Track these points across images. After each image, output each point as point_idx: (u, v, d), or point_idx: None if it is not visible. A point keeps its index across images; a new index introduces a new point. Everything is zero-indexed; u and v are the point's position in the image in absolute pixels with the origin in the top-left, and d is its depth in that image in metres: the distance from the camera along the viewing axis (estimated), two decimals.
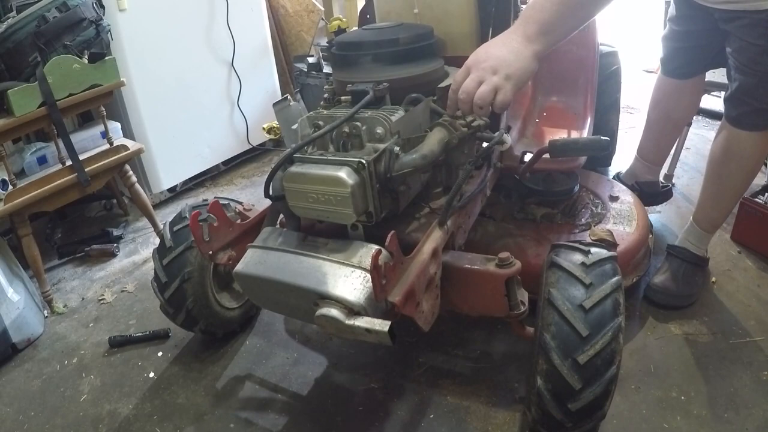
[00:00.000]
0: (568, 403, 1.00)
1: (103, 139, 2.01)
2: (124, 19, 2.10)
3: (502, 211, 1.73)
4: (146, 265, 2.04)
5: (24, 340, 1.68)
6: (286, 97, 1.32)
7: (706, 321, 1.53)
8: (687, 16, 1.58)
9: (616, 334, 1.00)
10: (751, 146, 1.44)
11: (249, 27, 2.64)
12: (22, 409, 1.47)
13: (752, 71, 1.34)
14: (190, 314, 1.45)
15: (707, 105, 2.76)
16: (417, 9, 1.44)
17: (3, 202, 1.72)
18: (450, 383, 1.40)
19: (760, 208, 1.75)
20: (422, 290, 1.04)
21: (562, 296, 1.04)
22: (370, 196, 1.04)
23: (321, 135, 1.09)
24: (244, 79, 2.64)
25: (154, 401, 1.44)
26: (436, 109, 1.23)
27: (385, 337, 0.93)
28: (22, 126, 1.71)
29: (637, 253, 1.58)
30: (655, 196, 2.03)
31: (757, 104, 1.37)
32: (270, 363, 1.53)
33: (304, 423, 1.34)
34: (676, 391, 1.33)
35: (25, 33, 1.66)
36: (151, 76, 2.26)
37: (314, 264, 1.04)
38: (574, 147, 1.34)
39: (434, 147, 1.09)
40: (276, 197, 1.15)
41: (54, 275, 2.05)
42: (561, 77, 1.86)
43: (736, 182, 1.54)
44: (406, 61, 1.26)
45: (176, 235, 1.43)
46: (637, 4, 4.18)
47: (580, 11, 1.10)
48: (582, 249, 1.11)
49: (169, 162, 2.43)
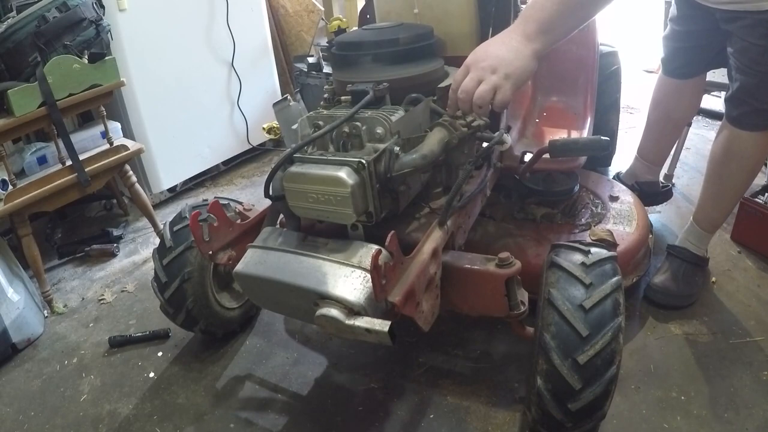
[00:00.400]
0: (568, 403, 1.00)
1: (103, 139, 2.01)
2: (124, 19, 2.10)
3: (502, 211, 1.73)
4: (146, 265, 2.04)
5: (24, 340, 1.68)
6: (286, 97, 1.32)
7: (706, 321, 1.53)
8: (688, 16, 1.58)
9: (616, 334, 1.00)
10: (752, 146, 1.44)
11: (249, 27, 2.64)
12: (22, 409, 1.47)
13: (753, 71, 1.34)
14: (190, 314, 1.45)
15: (707, 105, 2.76)
16: (417, 9, 1.45)
17: (3, 202, 1.72)
18: (450, 383, 1.40)
19: (760, 208, 1.75)
20: (422, 290, 1.05)
21: (562, 296, 1.04)
22: (370, 196, 1.04)
23: (321, 135, 1.09)
24: (244, 79, 2.64)
25: (154, 401, 1.44)
26: (436, 109, 1.23)
27: (385, 337, 0.93)
28: (22, 126, 1.71)
29: (637, 253, 1.58)
30: (655, 196, 2.03)
31: (758, 104, 1.37)
32: (270, 363, 1.53)
33: (304, 423, 1.34)
34: (676, 391, 1.33)
35: (25, 33, 1.66)
36: (151, 76, 2.26)
37: (314, 264, 1.04)
38: (574, 147, 1.34)
39: (434, 147, 1.09)
40: (276, 197, 1.15)
41: (54, 275, 2.05)
42: (561, 77, 1.86)
43: (736, 182, 1.54)
44: (406, 61, 1.26)
45: (176, 235, 1.43)
46: (637, 4, 4.17)
47: (580, 11, 1.10)
48: (582, 249, 1.11)
49: (169, 162, 2.43)
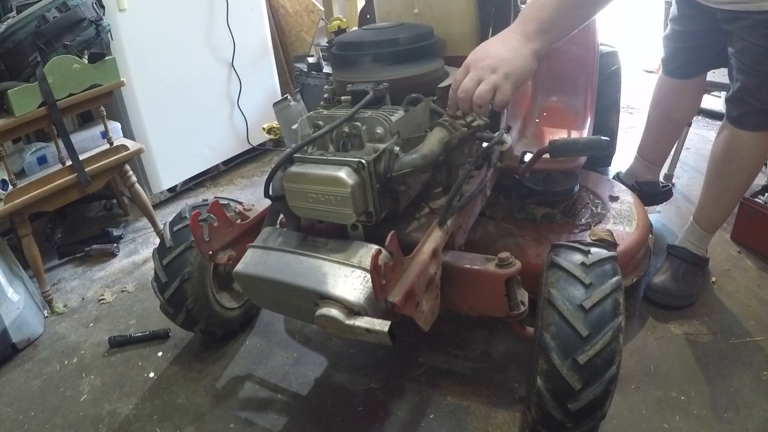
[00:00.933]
0: (568, 403, 1.00)
1: (103, 139, 2.01)
2: (124, 19, 2.10)
3: (502, 211, 1.73)
4: (146, 265, 2.04)
5: (24, 340, 1.68)
6: (286, 97, 1.32)
7: (706, 321, 1.53)
8: (688, 16, 1.58)
9: (616, 334, 1.00)
10: (752, 146, 1.44)
11: (249, 27, 2.64)
12: (22, 409, 1.47)
13: (754, 71, 1.34)
14: (190, 314, 1.45)
15: (707, 105, 2.76)
16: (417, 9, 1.44)
17: (3, 202, 1.72)
18: (450, 383, 1.40)
19: (760, 208, 1.75)
20: (422, 290, 1.04)
21: (562, 296, 1.04)
22: (370, 196, 1.04)
23: (321, 135, 1.09)
24: (244, 79, 2.64)
25: (154, 401, 1.44)
26: (436, 109, 1.23)
27: (385, 337, 0.93)
28: (22, 126, 1.71)
29: (637, 253, 1.58)
30: (655, 196, 2.02)
31: (759, 104, 1.37)
32: (270, 363, 1.53)
33: (304, 423, 1.34)
34: (676, 391, 1.33)
35: (25, 33, 1.66)
36: (151, 76, 2.26)
37: (314, 264, 1.04)
38: (574, 147, 1.34)
39: (434, 147, 1.09)
40: (276, 197, 1.15)
41: (54, 275, 2.05)
42: (561, 77, 1.86)
43: (737, 182, 1.54)
44: (406, 61, 1.26)
45: (176, 235, 1.43)
46: (637, 4, 4.17)
47: (580, 10, 1.09)
48: (582, 249, 1.11)
49: (169, 162, 2.43)
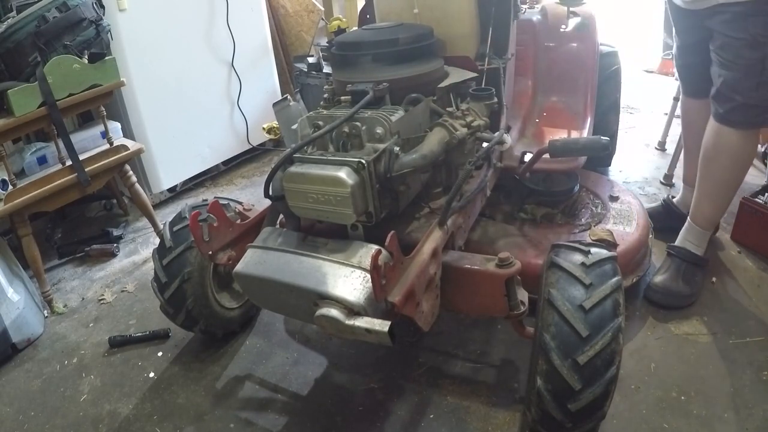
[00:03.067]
0: (568, 404, 1.00)
1: (103, 139, 2.01)
2: (124, 19, 2.10)
3: (502, 211, 1.73)
4: (146, 265, 2.04)
5: (24, 340, 1.68)
6: (286, 97, 1.32)
7: (706, 321, 1.53)
8: (684, 30, 1.60)
9: (616, 335, 1.00)
10: (739, 142, 1.45)
11: (249, 27, 2.64)
12: (22, 409, 1.47)
13: (736, 65, 1.36)
14: (190, 314, 1.45)
15: None
16: (417, 9, 1.44)
17: (3, 202, 1.72)
18: (450, 383, 1.40)
19: (760, 208, 1.75)
20: (422, 290, 1.05)
21: (562, 296, 1.04)
22: (370, 196, 1.04)
23: (321, 135, 1.09)
24: (244, 79, 2.64)
25: (154, 401, 1.44)
26: (436, 109, 1.23)
27: (385, 337, 0.93)
28: (22, 126, 1.71)
29: (637, 253, 1.58)
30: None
31: (741, 99, 1.38)
32: (270, 363, 1.53)
33: (304, 423, 1.34)
34: (676, 391, 1.33)
35: (25, 33, 1.66)
36: (151, 76, 2.26)
37: (314, 264, 1.04)
38: (574, 147, 1.34)
39: (434, 147, 1.09)
40: (276, 197, 1.15)
41: (54, 275, 2.05)
42: (561, 77, 1.86)
43: (728, 177, 1.54)
44: (405, 61, 1.26)
45: (176, 235, 1.43)
46: (637, 4, 4.18)
47: None
48: (582, 249, 1.11)
49: (169, 162, 2.43)
